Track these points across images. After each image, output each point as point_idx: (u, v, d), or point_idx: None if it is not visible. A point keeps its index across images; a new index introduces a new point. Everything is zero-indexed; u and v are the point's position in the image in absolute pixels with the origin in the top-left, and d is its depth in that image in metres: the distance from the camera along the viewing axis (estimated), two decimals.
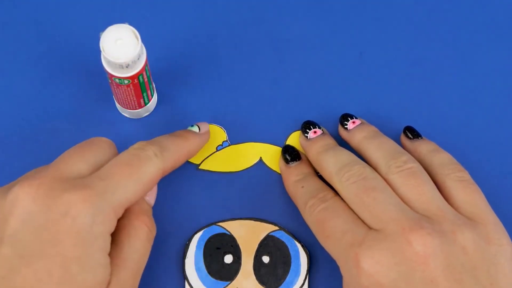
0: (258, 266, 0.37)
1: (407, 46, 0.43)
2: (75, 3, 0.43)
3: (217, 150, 0.40)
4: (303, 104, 0.41)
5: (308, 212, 0.35)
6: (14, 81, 0.41)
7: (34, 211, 0.29)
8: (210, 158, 0.39)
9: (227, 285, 0.36)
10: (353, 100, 0.41)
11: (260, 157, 0.40)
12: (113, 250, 0.31)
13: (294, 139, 0.40)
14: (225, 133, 0.40)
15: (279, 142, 0.40)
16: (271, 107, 0.41)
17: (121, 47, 0.33)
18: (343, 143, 0.39)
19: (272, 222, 0.38)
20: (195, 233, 0.37)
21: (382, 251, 0.31)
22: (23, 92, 0.40)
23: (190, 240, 0.37)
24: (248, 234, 0.37)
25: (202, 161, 0.39)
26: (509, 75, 0.42)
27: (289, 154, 0.38)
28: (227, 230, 0.37)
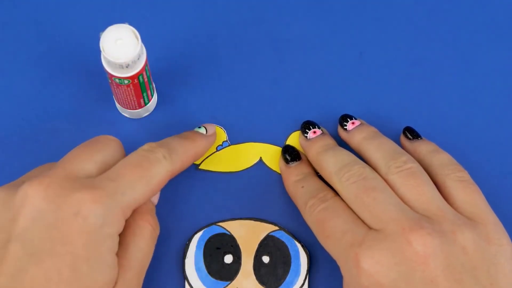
0: (258, 266, 0.37)
1: (407, 46, 0.43)
2: (75, 3, 0.43)
3: (217, 150, 0.40)
4: (303, 104, 0.41)
5: (308, 212, 0.35)
6: (14, 81, 0.41)
7: (44, 210, 0.29)
8: (210, 158, 0.39)
9: (227, 285, 0.36)
10: (353, 100, 0.41)
11: (260, 157, 0.40)
12: (119, 250, 0.31)
13: (294, 139, 0.40)
14: (225, 133, 0.40)
15: (279, 142, 0.40)
16: (271, 107, 0.41)
17: (121, 47, 0.33)
18: (343, 143, 0.39)
19: (272, 222, 0.38)
20: (195, 233, 0.37)
21: (382, 251, 0.31)
22: (23, 92, 0.40)
23: (190, 240, 0.37)
24: (248, 234, 0.37)
25: (202, 161, 0.39)
26: (509, 75, 0.42)
27: (289, 154, 0.38)
28: (227, 230, 0.37)
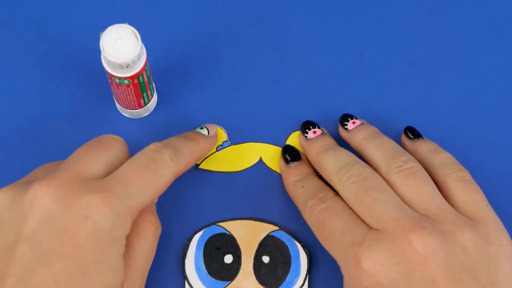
0: (258, 266, 0.37)
1: (407, 46, 0.43)
2: (75, 3, 0.43)
3: (217, 150, 0.40)
4: (303, 104, 0.41)
5: (308, 212, 0.35)
6: (14, 81, 0.41)
7: (54, 211, 0.29)
8: (210, 158, 0.39)
9: (227, 285, 0.36)
10: (353, 100, 0.41)
11: (260, 157, 0.40)
12: (124, 251, 0.31)
13: (294, 139, 0.40)
14: (225, 133, 0.40)
15: (279, 142, 0.40)
16: (271, 107, 0.41)
17: (121, 47, 0.33)
18: (343, 143, 0.39)
19: (272, 222, 0.38)
20: (195, 233, 0.37)
21: (382, 251, 0.31)
22: (23, 92, 0.40)
23: (190, 240, 0.37)
24: (248, 234, 0.37)
25: (202, 161, 0.39)
26: (509, 75, 0.42)
27: (289, 154, 0.38)
28: (227, 230, 0.37)
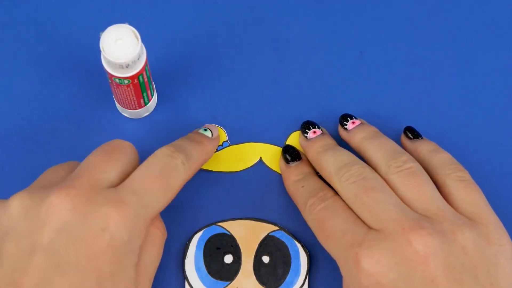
0: (258, 266, 0.37)
1: (407, 46, 0.43)
2: (75, 3, 0.43)
3: (217, 150, 0.39)
4: (303, 104, 0.41)
5: (308, 211, 0.35)
6: (14, 81, 0.41)
7: (71, 222, 0.29)
8: (210, 158, 0.39)
9: (227, 285, 0.36)
10: (353, 100, 0.41)
11: (260, 157, 0.40)
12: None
13: (294, 139, 0.40)
14: (225, 133, 0.40)
15: (279, 142, 0.40)
16: (271, 107, 0.41)
17: (121, 47, 0.33)
18: (343, 143, 0.39)
19: (272, 222, 0.38)
20: (195, 233, 0.37)
21: (382, 251, 0.31)
22: (23, 92, 0.40)
23: (190, 240, 0.37)
24: (248, 234, 0.37)
25: None
26: (509, 75, 0.42)
27: (290, 154, 0.38)
28: (227, 230, 0.37)
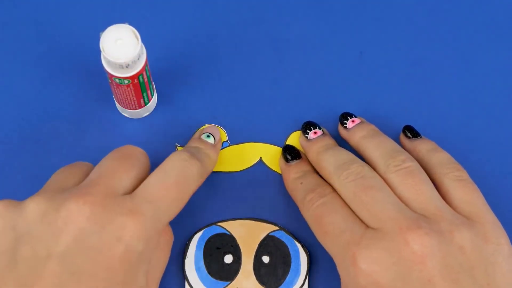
0: (258, 266, 0.37)
1: (407, 46, 0.43)
2: (75, 3, 0.43)
3: None
4: (303, 104, 0.41)
5: (306, 207, 0.35)
6: (14, 81, 0.41)
7: (88, 230, 0.29)
8: None
9: (227, 285, 0.36)
10: (353, 100, 0.41)
11: (260, 157, 0.40)
12: None
13: (294, 139, 0.40)
14: (225, 133, 0.40)
15: (279, 142, 0.40)
16: (271, 107, 0.41)
17: (121, 47, 0.33)
18: (343, 143, 0.39)
19: (272, 222, 0.38)
20: (195, 233, 0.37)
21: (379, 250, 0.31)
22: (23, 92, 0.40)
23: (190, 240, 0.37)
24: (248, 234, 0.37)
25: None
26: (509, 75, 0.42)
27: (290, 153, 0.38)
28: (227, 230, 0.37)
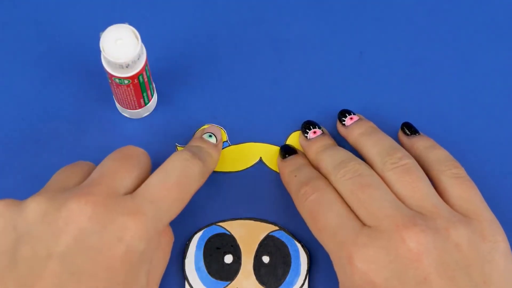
0: (258, 266, 0.37)
1: (407, 46, 0.43)
2: (75, 3, 0.43)
3: None
4: (303, 104, 0.41)
5: (300, 201, 0.35)
6: (14, 81, 0.41)
7: (89, 230, 0.29)
8: None
9: (227, 285, 0.36)
10: (353, 100, 0.41)
11: (260, 157, 0.40)
12: None
13: (294, 139, 0.40)
14: (225, 133, 0.40)
15: (279, 142, 0.40)
16: (271, 107, 0.41)
17: (121, 47, 0.33)
18: (343, 143, 0.39)
19: (272, 222, 0.38)
20: (195, 233, 0.37)
21: (376, 249, 0.31)
22: (23, 92, 0.40)
23: (190, 240, 0.37)
24: (248, 234, 0.37)
25: None
26: (509, 75, 0.42)
27: (286, 150, 0.38)
28: (227, 230, 0.37)
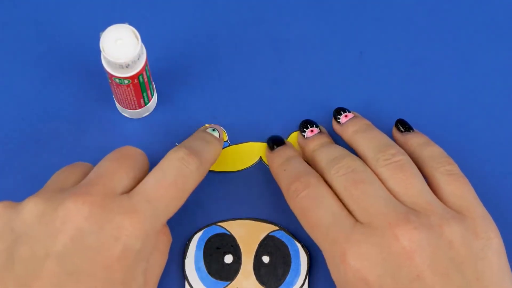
0: (258, 266, 0.37)
1: (407, 46, 0.43)
2: (75, 3, 0.43)
3: None
4: (303, 104, 0.41)
5: (291, 197, 0.35)
6: (14, 81, 0.41)
7: (86, 230, 0.29)
8: None
9: (227, 285, 0.36)
10: (353, 100, 0.41)
11: (260, 157, 0.40)
12: None
13: (294, 139, 0.40)
14: (225, 133, 0.40)
15: None
16: (271, 107, 0.41)
17: (121, 47, 0.33)
18: (342, 141, 0.39)
19: (272, 222, 0.38)
20: (195, 233, 0.37)
21: (369, 246, 0.31)
22: (23, 92, 0.40)
23: (190, 240, 0.37)
24: (248, 234, 0.37)
25: None
26: (509, 75, 0.42)
27: (274, 141, 0.38)
28: (227, 230, 0.37)
